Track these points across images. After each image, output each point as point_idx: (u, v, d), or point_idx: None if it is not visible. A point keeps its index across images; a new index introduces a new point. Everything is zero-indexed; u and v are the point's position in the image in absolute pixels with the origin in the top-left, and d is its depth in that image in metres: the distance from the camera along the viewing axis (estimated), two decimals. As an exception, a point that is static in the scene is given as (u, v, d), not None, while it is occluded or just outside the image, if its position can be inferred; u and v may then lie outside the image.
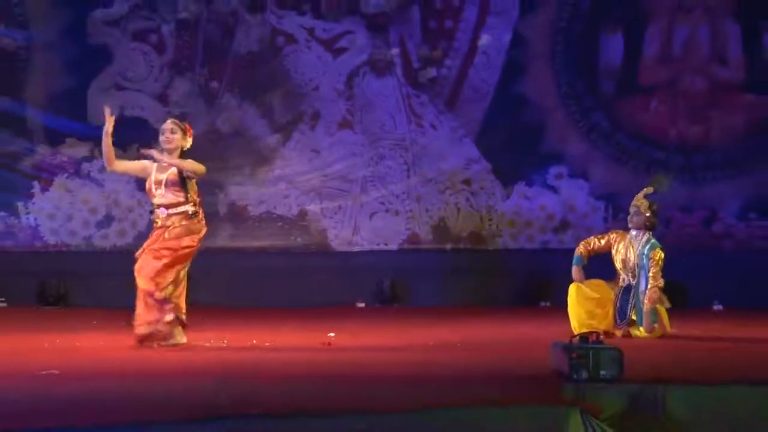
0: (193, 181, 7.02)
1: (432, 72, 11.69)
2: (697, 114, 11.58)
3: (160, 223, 6.97)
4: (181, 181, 6.96)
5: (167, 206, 6.96)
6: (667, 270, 7.57)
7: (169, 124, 7.12)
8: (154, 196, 7.00)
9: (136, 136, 11.44)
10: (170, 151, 7.03)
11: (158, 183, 6.97)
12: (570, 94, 11.65)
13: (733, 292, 10.61)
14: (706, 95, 11.58)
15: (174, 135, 7.03)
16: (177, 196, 6.96)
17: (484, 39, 11.63)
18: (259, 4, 11.64)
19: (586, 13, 11.62)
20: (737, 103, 11.56)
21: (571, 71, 11.64)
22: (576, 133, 11.63)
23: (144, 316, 6.86)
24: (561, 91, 11.64)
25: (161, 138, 7.09)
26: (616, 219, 11.30)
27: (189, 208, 6.98)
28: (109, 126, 7.01)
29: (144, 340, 6.83)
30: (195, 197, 7.02)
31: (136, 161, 7.28)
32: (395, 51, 11.69)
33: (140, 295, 6.89)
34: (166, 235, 6.90)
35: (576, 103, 11.65)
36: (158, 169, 7.02)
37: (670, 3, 11.66)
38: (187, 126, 7.21)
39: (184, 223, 6.94)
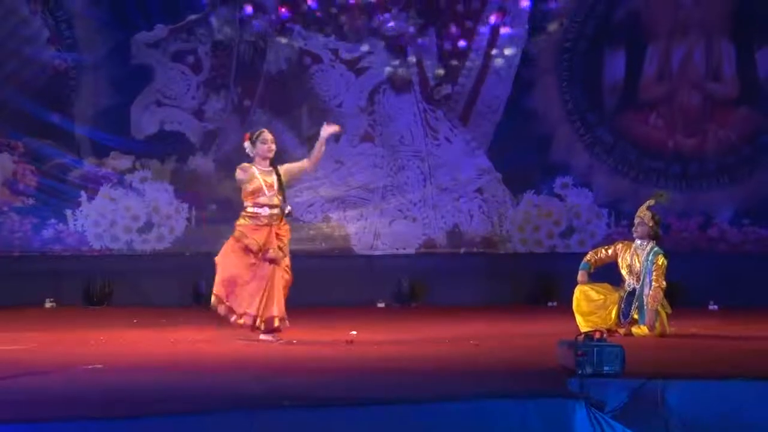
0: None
1: (447, 89, 11.69)
2: (693, 127, 11.52)
3: (265, 221, 6.97)
4: (280, 186, 7.01)
5: (270, 206, 6.98)
6: (665, 273, 7.50)
7: (269, 134, 7.11)
8: (263, 196, 6.97)
9: (174, 148, 11.60)
10: (270, 160, 7.07)
11: (270, 185, 6.99)
12: (575, 109, 11.60)
13: (727, 293, 10.52)
14: (702, 110, 11.52)
15: (274, 145, 7.08)
16: (278, 199, 7.01)
17: (496, 58, 11.63)
18: (287, 28, 11.66)
19: (591, 34, 11.58)
20: (730, 116, 11.48)
21: (577, 88, 11.60)
22: (581, 145, 11.59)
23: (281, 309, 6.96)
24: (567, 107, 11.60)
25: (264, 147, 7.05)
26: (618, 225, 11.25)
27: (281, 210, 7.01)
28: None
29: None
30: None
31: (246, 170, 7.10)
32: (413, 70, 11.68)
33: (283, 293, 6.99)
34: (284, 244, 6.98)
35: (581, 117, 11.60)
36: (264, 173, 7.03)
37: (669, 24, 11.61)
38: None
39: (281, 223, 6.99)
